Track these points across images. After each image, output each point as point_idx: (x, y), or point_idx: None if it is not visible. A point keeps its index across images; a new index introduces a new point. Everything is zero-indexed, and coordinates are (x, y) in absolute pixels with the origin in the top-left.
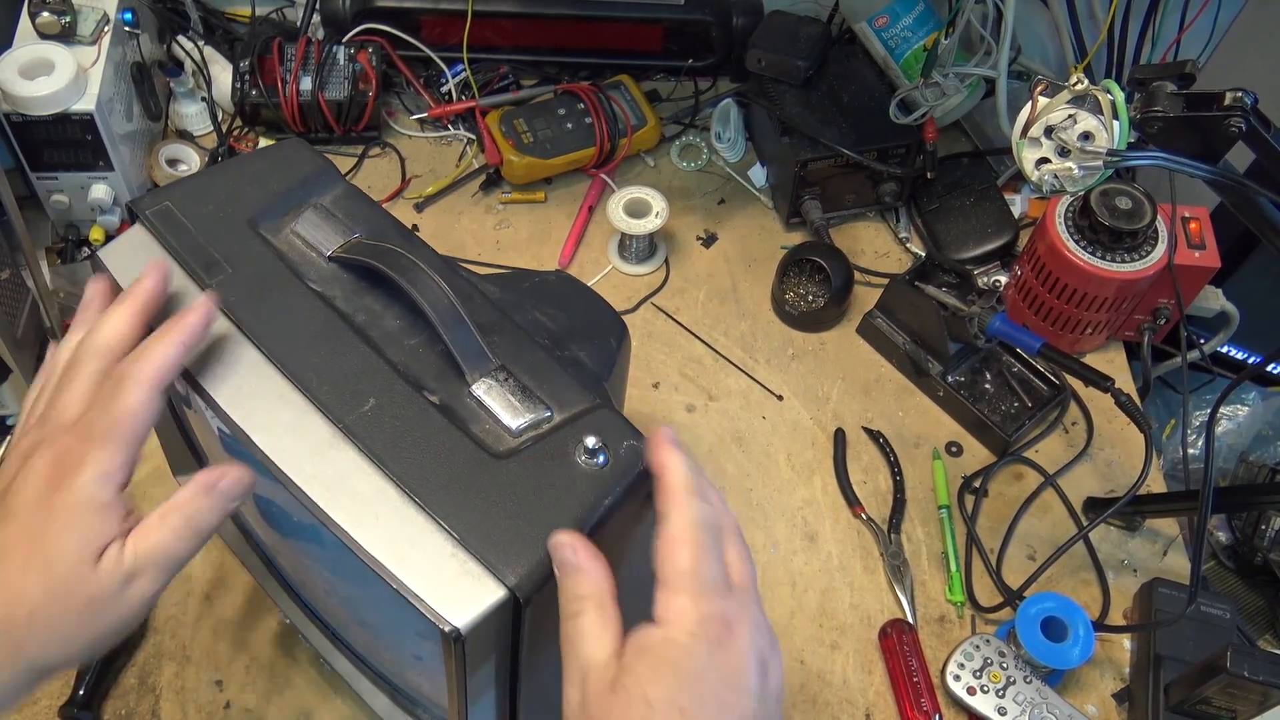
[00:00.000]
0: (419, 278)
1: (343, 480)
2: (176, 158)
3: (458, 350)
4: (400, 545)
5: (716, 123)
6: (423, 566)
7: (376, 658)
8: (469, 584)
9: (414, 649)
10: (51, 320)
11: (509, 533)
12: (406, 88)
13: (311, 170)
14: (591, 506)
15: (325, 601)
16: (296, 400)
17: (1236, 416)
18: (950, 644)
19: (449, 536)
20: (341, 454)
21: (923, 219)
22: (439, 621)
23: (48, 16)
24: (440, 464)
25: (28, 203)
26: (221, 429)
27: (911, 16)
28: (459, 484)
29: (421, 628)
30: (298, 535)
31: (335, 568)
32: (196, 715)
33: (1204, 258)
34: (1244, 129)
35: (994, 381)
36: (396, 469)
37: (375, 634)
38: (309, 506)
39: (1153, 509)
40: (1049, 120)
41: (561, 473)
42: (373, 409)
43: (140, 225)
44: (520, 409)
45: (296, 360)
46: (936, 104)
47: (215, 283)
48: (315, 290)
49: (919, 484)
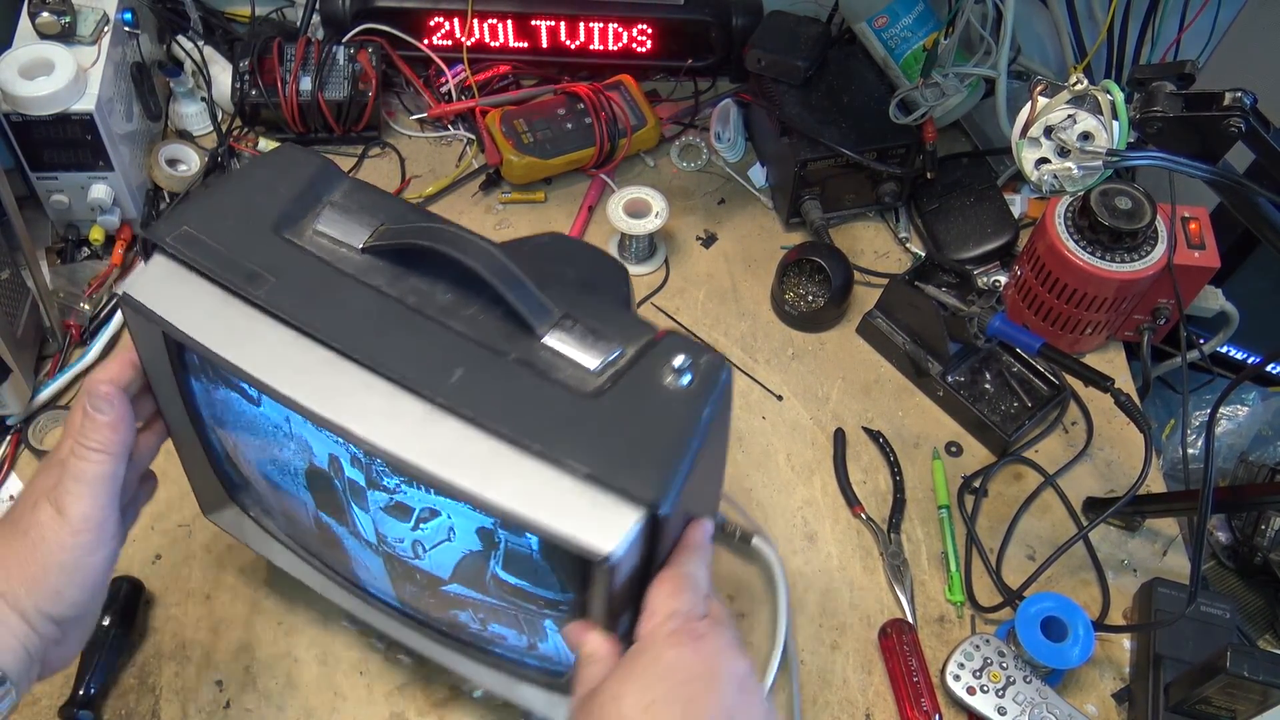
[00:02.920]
0: (467, 245)
1: (454, 449)
2: (176, 158)
3: (523, 306)
4: (531, 495)
5: (716, 123)
6: (559, 508)
7: (488, 631)
8: (607, 514)
9: (547, 598)
10: (51, 320)
11: (627, 460)
12: (406, 88)
13: (314, 170)
14: (693, 421)
15: (421, 596)
16: (382, 386)
17: (1236, 416)
18: (950, 644)
19: (572, 476)
20: (443, 426)
21: (923, 219)
22: (591, 554)
23: (48, 16)
24: (540, 414)
25: (28, 203)
26: (299, 433)
27: (911, 16)
28: (564, 428)
29: (566, 572)
30: (389, 534)
31: (438, 560)
32: (196, 715)
33: (1204, 258)
34: (1243, 129)
35: (994, 381)
36: (502, 427)
37: (497, 600)
38: (431, 480)
39: (1153, 509)
40: (1049, 120)
41: (655, 397)
42: (460, 378)
43: (161, 254)
44: (594, 350)
45: (370, 349)
46: (936, 104)
47: (264, 292)
48: (362, 282)
49: (919, 484)
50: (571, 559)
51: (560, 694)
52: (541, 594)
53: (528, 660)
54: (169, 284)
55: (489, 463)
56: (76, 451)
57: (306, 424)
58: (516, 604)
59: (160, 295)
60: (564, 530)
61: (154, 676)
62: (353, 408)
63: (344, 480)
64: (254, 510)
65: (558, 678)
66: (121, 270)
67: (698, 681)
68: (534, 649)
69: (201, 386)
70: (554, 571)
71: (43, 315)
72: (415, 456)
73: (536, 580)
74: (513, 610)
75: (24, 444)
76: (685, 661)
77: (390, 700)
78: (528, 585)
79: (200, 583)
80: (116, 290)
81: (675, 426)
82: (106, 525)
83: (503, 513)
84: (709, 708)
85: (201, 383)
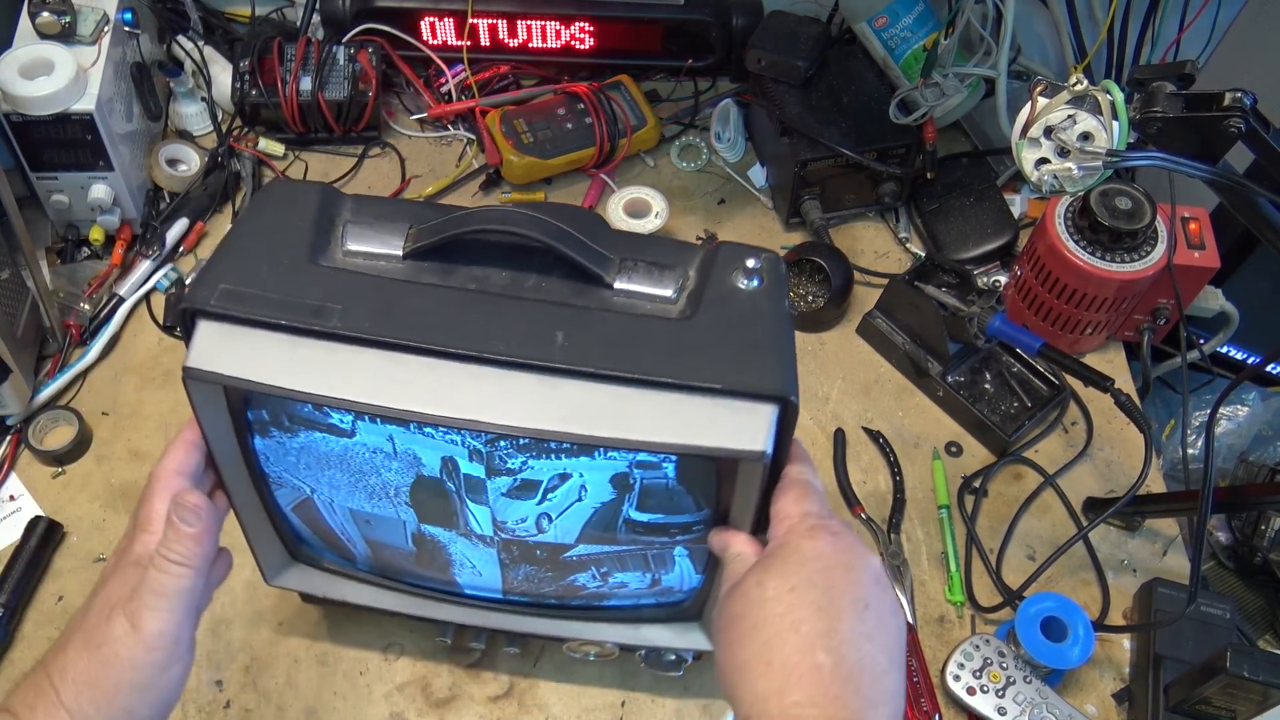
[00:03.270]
0: (513, 218)
1: (584, 406)
2: (176, 158)
3: (587, 261)
4: (672, 423)
5: (716, 123)
6: (702, 426)
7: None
8: (746, 417)
9: (681, 523)
10: (51, 320)
11: (743, 364)
12: (406, 88)
13: (317, 196)
14: (780, 315)
15: (534, 576)
16: (490, 372)
17: (1236, 416)
18: (950, 644)
19: (703, 394)
20: (565, 389)
21: (923, 219)
22: (746, 455)
23: (48, 16)
24: (649, 349)
25: (28, 203)
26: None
27: (911, 17)
28: (675, 355)
29: (702, 489)
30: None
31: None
32: (196, 715)
33: (1204, 258)
34: (1243, 129)
35: (994, 381)
36: (623, 371)
37: (629, 548)
38: (575, 439)
39: (1152, 509)
40: (1048, 120)
41: (738, 303)
42: (564, 340)
43: (208, 320)
44: (664, 280)
45: (468, 340)
46: (936, 104)
47: (336, 320)
48: (420, 283)
49: (919, 484)
50: (709, 474)
51: (682, 623)
52: (676, 521)
53: (645, 601)
54: (230, 345)
55: (622, 408)
56: (157, 563)
57: (416, 435)
58: (649, 541)
59: (226, 359)
60: (716, 444)
61: None
62: (473, 401)
63: (459, 480)
64: (323, 561)
65: (678, 607)
66: (121, 270)
67: (837, 569)
68: (656, 584)
69: (271, 443)
70: (689, 493)
71: (43, 315)
72: (553, 424)
73: (672, 509)
74: (641, 551)
75: (24, 444)
76: (823, 551)
77: (390, 700)
78: (661, 517)
79: None
80: (116, 290)
81: (768, 323)
82: (182, 640)
83: (651, 448)
84: (847, 593)
85: (271, 439)
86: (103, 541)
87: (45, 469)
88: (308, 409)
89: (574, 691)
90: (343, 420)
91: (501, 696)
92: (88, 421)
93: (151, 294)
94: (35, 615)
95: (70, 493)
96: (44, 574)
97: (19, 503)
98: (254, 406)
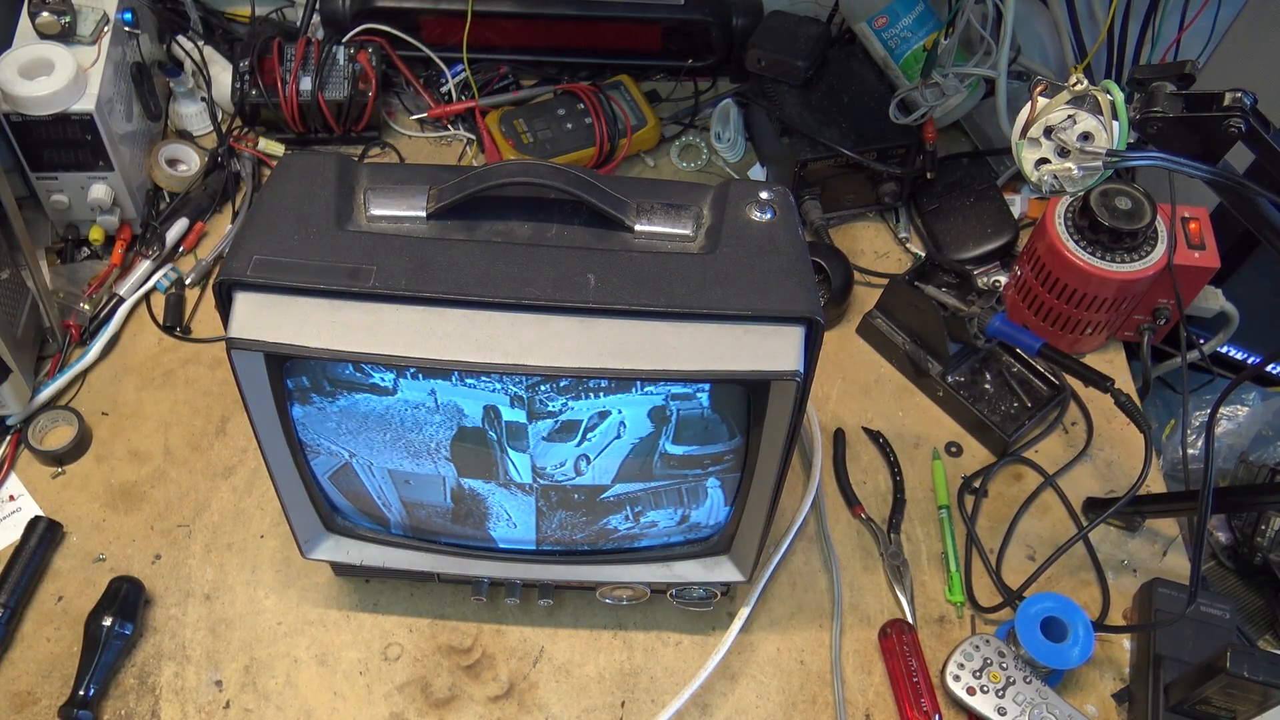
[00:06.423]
0: (535, 169)
1: (624, 342)
2: (176, 158)
3: (608, 206)
4: (707, 352)
5: (716, 123)
6: (738, 352)
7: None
8: (778, 340)
9: (715, 453)
10: (51, 320)
11: (767, 290)
12: (406, 88)
13: (331, 167)
14: (795, 241)
15: (569, 522)
16: (528, 318)
17: (1236, 417)
18: (950, 644)
19: (732, 321)
20: (602, 328)
21: (923, 219)
22: (782, 377)
23: (48, 16)
24: (678, 285)
25: (28, 203)
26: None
27: (911, 17)
28: (704, 288)
29: (736, 416)
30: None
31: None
32: (196, 715)
33: (1204, 258)
34: (1243, 129)
35: (994, 382)
36: (658, 307)
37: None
38: (617, 375)
39: (1153, 509)
40: (1048, 120)
41: (756, 235)
42: (597, 281)
43: (245, 291)
44: (681, 219)
45: (504, 290)
46: (936, 104)
47: (374, 281)
48: (448, 240)
49: (919, 484)
50: (741, 400)
51: (711, 557)
52: (710, 451)
53: (675, 539)
54: (270, 314)
55: (659, 341)
56: None
57: (458, 387)
58: (683, 474)
59: (268, 327)
60: (751, 367)
61: (154, 676)
62: (515, 346)
63: (501, 428)
64: (358, 529)
65: (707, 542)
66: (121, 270)
67: None
68: (685, 520)
69: (310, 409)
70: (724, 421)
71: (43, 315)
72: (594, 361)
73: (707, 438)
74: (676, 485)
75: (24, 444)
76: None
77: (390, 700)
78: (697, 449)
79: (200, 583)
80: (116, 290)
81: (785, 250)
82: None
83: (690, 377)
84: None
85: (311, 405)
86: (102, 541)
87: (45, 469)
88: (349, 370)
89: (574, 691)
90: (384, 379)
91: (501, 696)
92: (87, 421)
93: (151, 294)
94: (35, 615)
95: (70, 493)
96: (44, 574)
97: (19, 503)
98: (293, 374)
